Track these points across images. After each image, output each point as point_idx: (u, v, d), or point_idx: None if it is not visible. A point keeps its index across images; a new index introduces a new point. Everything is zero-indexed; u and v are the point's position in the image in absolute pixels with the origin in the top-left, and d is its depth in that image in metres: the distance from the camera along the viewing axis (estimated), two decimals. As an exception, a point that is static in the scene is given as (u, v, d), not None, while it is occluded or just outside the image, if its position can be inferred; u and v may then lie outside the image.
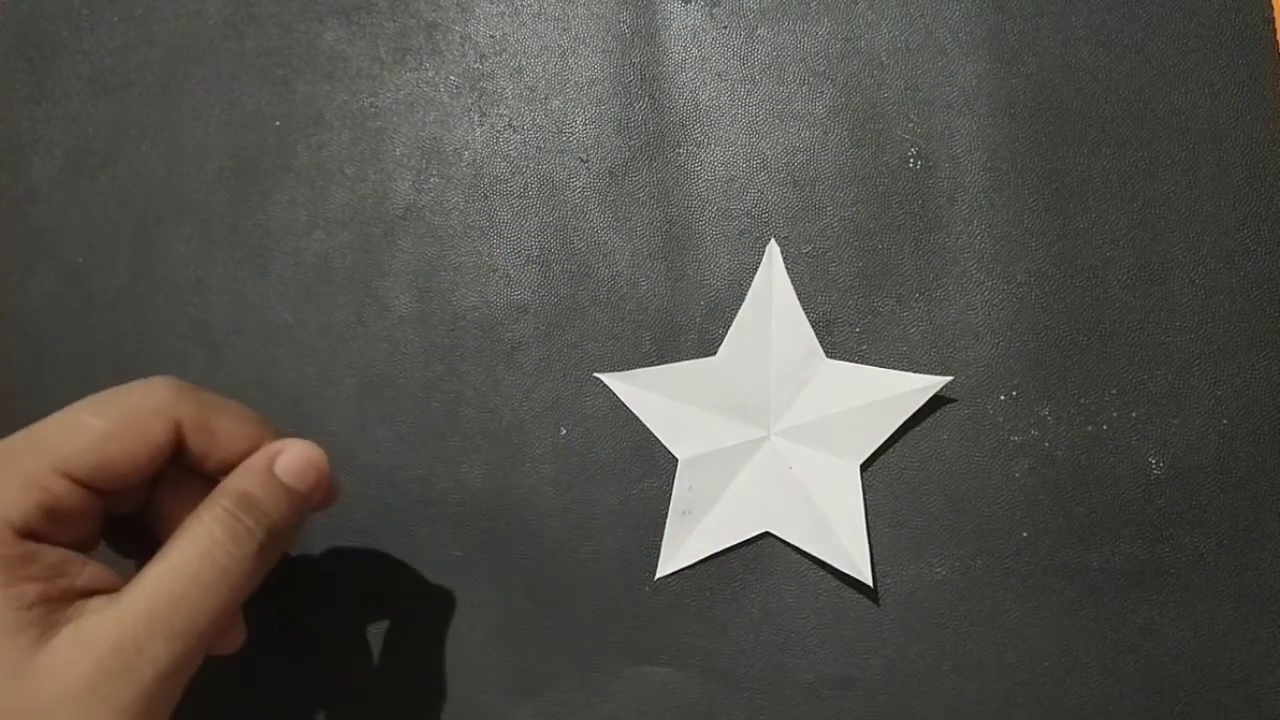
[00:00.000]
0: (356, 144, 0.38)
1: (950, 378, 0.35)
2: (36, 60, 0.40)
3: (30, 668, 0.25)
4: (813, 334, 0.36)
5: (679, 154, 0.37)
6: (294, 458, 0.30)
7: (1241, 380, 0.35)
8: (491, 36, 0.38)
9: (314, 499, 0.31)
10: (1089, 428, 0.35)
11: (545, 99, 0.38)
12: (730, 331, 0.36)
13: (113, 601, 0.27)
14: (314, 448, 0.31)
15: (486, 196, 0.38)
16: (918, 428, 0.35)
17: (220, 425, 0.29)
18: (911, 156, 0.36)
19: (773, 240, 0.36)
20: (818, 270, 0.36)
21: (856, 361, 0.36)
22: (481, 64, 0.38)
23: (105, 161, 0.39)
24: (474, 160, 0.38)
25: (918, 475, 0.35)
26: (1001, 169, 0.36)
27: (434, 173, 0.38)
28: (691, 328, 0.36)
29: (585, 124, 0.37)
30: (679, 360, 0.36)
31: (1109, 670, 0.34)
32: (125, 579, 0.28)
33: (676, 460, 0.36)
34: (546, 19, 0.38)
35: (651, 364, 0.36)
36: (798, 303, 0.36)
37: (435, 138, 0.38)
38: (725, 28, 0.37)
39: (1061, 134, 0.36)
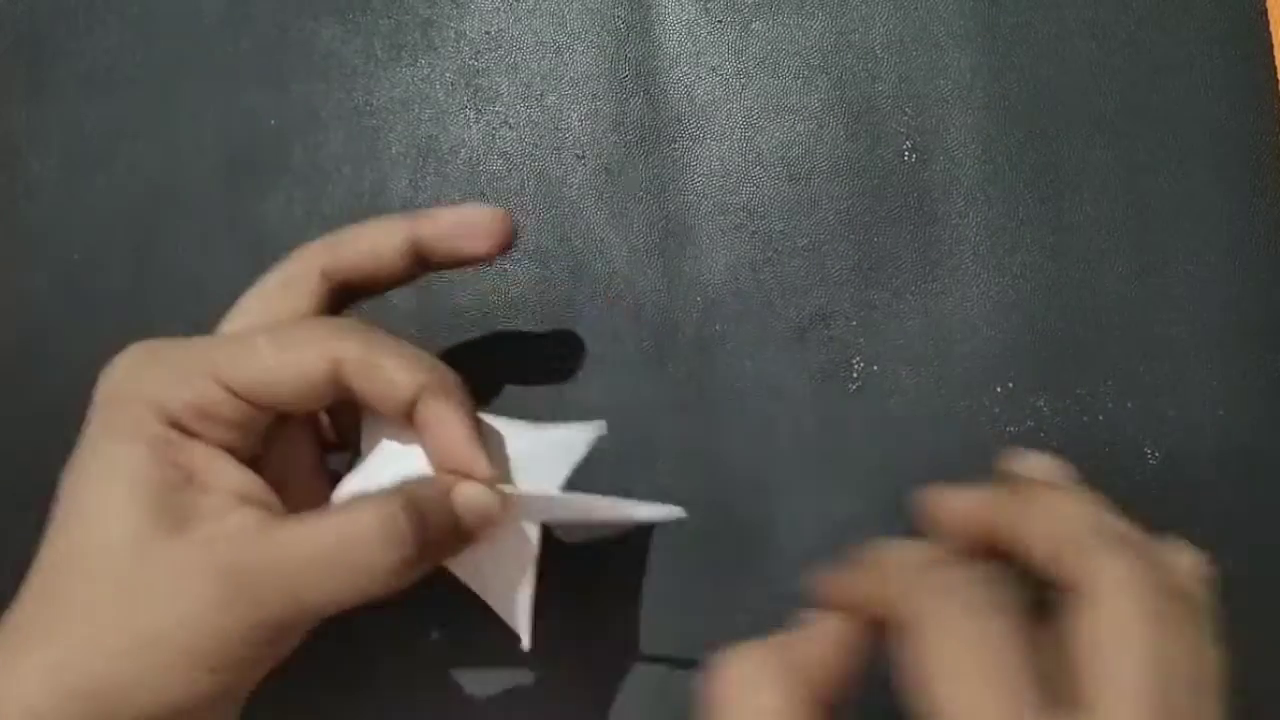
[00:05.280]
0: (352, 143, 0.38)
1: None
2: (33, 60, 0.40)
3: (157, 549, 0.25)
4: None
5: (675, 149, 0.37)
6: (475, 502, 0.28)
7: (1237, 370, 0.35)
8: (486, 33, 0.38)
9: (466, 542, 0.29)
10: (1085, 419, 0.35)
11: (541, 95, 0.38)
12: None
13: (259, 523, 0.26)
14: (492, 499, 0.29)
15: (483, 194, 0.38)
16: (914, 420, 0.35)
17: (383, 367, 0.27)
18: (906, 150, 0.36)
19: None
20: (813, 264, 0.36)
21: (856, 355, 0.36)
22: (477, 60, 0.38)
23: (102, 161, 0.39)
24: (470, 158, 0.38)
25: (913, 470, 0.35)
26: (996, 162, 0.36)
27: (430, 170, 0.38)
28: (689, 324, 0.36)
29: (581, 120, 0.38)
30: (675, 356, 0.36)
31: (1107, 661, 0.34)
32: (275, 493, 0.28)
33: (671, 454, 0.36)
34: (541, 14, 0.38)
35: (650, 361, 0.36)
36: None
37: (431, 135, 0.38)
38: (720, 22, 0.37)
39: (1056, 126, 0.36)
